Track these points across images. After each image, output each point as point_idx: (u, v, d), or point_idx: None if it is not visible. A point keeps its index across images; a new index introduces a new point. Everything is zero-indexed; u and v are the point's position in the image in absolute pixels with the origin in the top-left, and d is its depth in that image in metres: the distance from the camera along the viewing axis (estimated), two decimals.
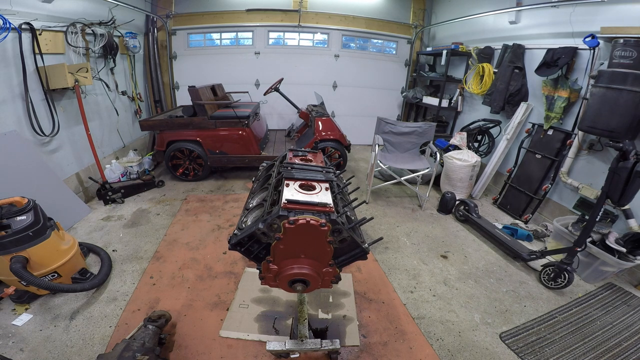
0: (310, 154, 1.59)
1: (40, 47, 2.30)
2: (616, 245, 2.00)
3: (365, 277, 2.07)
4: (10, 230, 1.51)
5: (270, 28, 4.50)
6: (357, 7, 4.55)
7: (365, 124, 4.88)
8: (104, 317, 1.64)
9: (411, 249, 2.44)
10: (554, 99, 2.74)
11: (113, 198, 2.87)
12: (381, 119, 3.22)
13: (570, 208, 2.70)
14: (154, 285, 1.89)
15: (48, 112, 2.45)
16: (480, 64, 3.52)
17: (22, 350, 1.44)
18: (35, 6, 2.34)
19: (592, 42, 2.35)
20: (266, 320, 1.66)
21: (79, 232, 2.39)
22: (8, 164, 2.06)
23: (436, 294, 1.97)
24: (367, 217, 1.17)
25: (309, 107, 4.09)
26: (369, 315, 1.76)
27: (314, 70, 4.77)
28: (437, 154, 3.02)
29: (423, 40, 4.98)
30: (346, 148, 3.65)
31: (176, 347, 1.50)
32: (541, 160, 2.90)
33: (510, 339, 1.65)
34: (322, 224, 0.99)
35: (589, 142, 2.55)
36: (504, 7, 3.20)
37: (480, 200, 3.39)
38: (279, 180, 1.29)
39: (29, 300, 1.69)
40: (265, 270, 1.12)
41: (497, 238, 2.44)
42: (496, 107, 3.34)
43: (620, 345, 1.66)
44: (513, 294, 2.01)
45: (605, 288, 2.11)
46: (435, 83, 4.64)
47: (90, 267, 1.99)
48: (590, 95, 2.39)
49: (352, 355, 1.52)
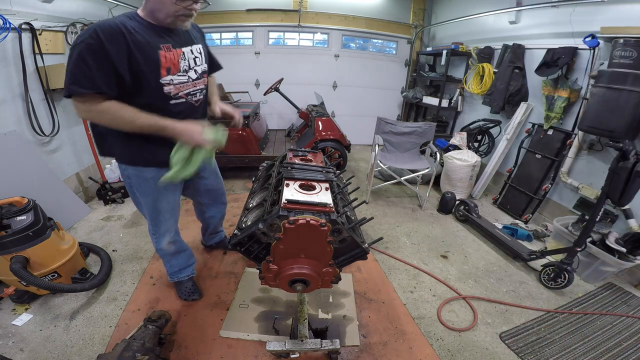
0: (310, 154, 1.59)
1: (40, 47, 2.30)
2: (616, 245, 2.00)
3: (365, 277, 2.07)
4: (10, 230, 1.51)
5: (270, 28, 4.50)
6: (357, 7, 4.55)
7: (365, 124, 4.88)
8: (104, 317, 1.64)
9: (411, 248, 2.44)
10: (554, 99, 2.74)
11: (113, 198, 2.87)
12: (381, 119, 3.22)
13: (570, 208, 2.70)
14: (154, 285, 1.89)
15: (48, 112, 2.45)
16: (480, 64, 3.52)
17: (22, 350, 1.44)
18: (35, 6, 2.34)
19: (592, 42, 2.34)
20: (266, 320, 1.66)
21: (79, 232, 2.39)
22: (8, 164, 2.06)
23: (436, 294, 1.97)
24: (367, 217, 1.17)
25: (309, 107, 4.08)
26: (369, 315, 1.76)
27: (314, 70, 4.76)
28: (437, 154, 3.03)
29: (423, 40, 4.97)
30: (346, 148, 3.65)
31: (176, 347, 1.50)
32: (541, 160, 2.90)
33: (510, 339, 1.65)
34: (322, 224, 0.99)
35: (589, 142, 2.55)
36: (504, 7, 3.20)
37: (480, 200, 3.39)
38: (279, 180, 1.29)
39: (29, 300, 1.69)
40: (265, 270, 1.12)
41: (497, 238, 2.44)
42: (496, 107, 3.33)
43: (620, 345, 1.66)
44: (513, 294, 2.01)
45: (605, 288, 2.11)
46: (435, 83, 4.64)
47: (90, 267, 1.99)
48: (590, 95, 2.39)
49: (352, 355, 1.52)
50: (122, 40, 1.04)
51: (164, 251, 1.62)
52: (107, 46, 1.01)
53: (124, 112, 1.09)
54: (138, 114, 1.10)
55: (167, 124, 1.14)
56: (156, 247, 1.62)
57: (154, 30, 1.14)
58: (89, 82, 1.01)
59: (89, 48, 1.00)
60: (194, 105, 1.34)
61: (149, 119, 1.12)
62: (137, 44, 1.08)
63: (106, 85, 1.05)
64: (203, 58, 1.35)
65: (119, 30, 1.03)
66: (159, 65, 1.14)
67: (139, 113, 1.10)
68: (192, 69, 1.28)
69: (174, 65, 1.19)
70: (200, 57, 1.32)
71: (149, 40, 1.11)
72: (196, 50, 1.30)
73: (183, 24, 1.18)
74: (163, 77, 1.17)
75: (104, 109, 1.07)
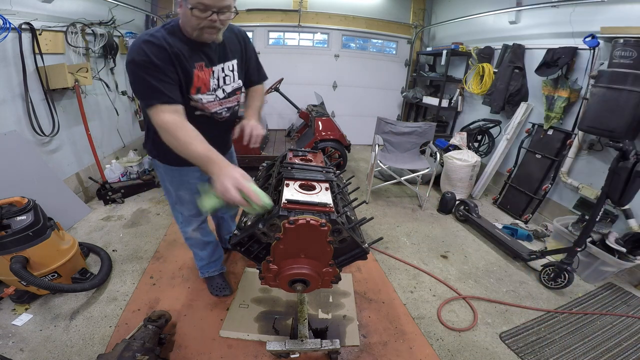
0: (310, 154, 1.58)
1: (40, 47, 2.30)
2: (616, 245, 2.00)
3: (365, 277, 2.07)
4: (10, 230, 1.51)
5: (270, 28, 4.50)
6: (357, 7, 4.55)
7: (365, 124, 4.88)
8: (104, 317, 1.64)
9: (411, 248, 2.44)
10: (554, 99, 2.74)
11: (113, 198, 2.87)
12: (381, 119, 3.22)
13: (570, 208, 2.70)
14: (154, 285, 1.89)
15: (48, 112, 2.45)
16: (480, 64, 3.52)
17: (22, 350, 1.44)
18: (35, 6, 2.34)
19: (592, 42, 2.34)
20: (266, 320, 1.66)
21: (79, 232, 2.39)
22: (8, 164, 2.06)
23: (436, 294, 1.97)
24: (367, 217, 1.17)
25: (309, 107, 4.08)
26: (369, 315, 1.76)
27: (314, 70, 4.76)
28: (437, 154, 3.02)
29: (423, 40, 4.97)
30: (346, 148, 3.65)
31: (176, 347, 1.50)
32: (541, 160, 2.90)
33: (510, 339, 1.65)
34: (322, 224, 0.99)
35: (589, 142, 2.55)
36: (504, 7, 3.20)
37: (480, 200, 3.39)
38: (279, 180, 1.29)
39: (29, 300, 1.69)
40: (265, 270, 1.12)
41: (497, 238, 2.44)
42: (496, 107, 3.33)
43: (620, 345, 1.66)
44: (513, 294, 2.01)
45: (605, 288, 2.11)
46: (435, 83, 4.64)
47: (90, 267, 1.99)
48: (590, 95, 2.39)
49: (352, 355, 1.52)
50: (167, 56, 1.06)
51: (192, 240, 1.68)
52: (157, 61, 1.04)
53: (180, 132, 1.04)
54: (195, 139, 1.03)
55: (212, 170, 0.98)
56: (185, 237, 1.68)
57: (189, 45, 1.12)
58: (157, 94, 1.04)
59: (140, 65, 1.03)
60: (217, 121, 1.36)
61: (199, 151, 1.01)
62: (179, 60, 1.09)
63: (173, 94, 1.07)
64: (235, 76, 1.31)
65: (162, 46, 1.05)
66: (191, 83, 1.16)
67: (196, 139, 1.03)
68: (220, 88, 1.27)
69: (205, 84, 1.20)
70: (231, 76, 1.29)
71: (187, 57, 1.12)
72: (228, 68, 1.26)
73: (211, 37, 1.12)
74: (192, 94, 1.18)
75: (167, 121, 1.05)
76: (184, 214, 1.57)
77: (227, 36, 1.23)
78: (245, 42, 1.36)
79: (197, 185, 1.40)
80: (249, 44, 1.38)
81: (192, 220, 1.58)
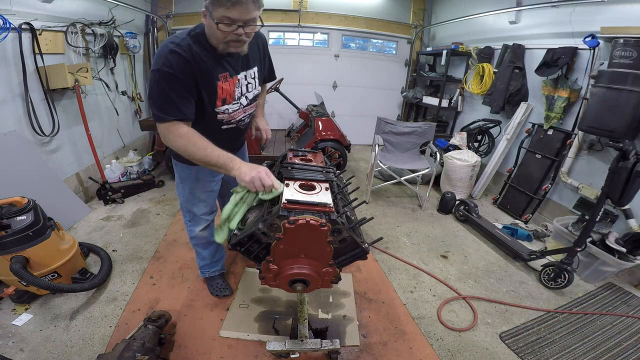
0: (310, 154, 1.58)
1: (40, 47, 2.30)
2: (616, 245, 2.00)
3: (365, 277, 2.07)
4: (10, 230, 1.51)
5: (270, 28, 4.49)
6: (357, 7, 4.55)
7: (365, 124, 4.88)
8: (104, 317, 1.64)
9: (411, 248, 2.44)
10: (554, 99, 2.74)
11: (113, 198, 2.87)
12: (381, 119, 3.22)
13: (570, 208, 2.70)
14: (154, 285, 1.89)
15: (48, 112, 2.45)
16: (480, 64, 3.52)
17: (22, 350, 1.44)
18: (35, 6, 2.34)
19: (592, 42, 2.34)
20: (266, 320, 1.66)
21: (79, 232, 2.39)
22: (8, 164, 2.06)
23: (436, 294, 1.96)
24: (367, 217, 1.17)
25: (309, 107, 4.08)
26: (369, 315, 1.76)
27: (314, 70, 4.76)
28: (437, 154, 3.03)
29: (423, 40, 4.97)
30: (346, 148, 3.65)
31: (176, 347, 1.50)
32: (541, 160, 2.90)
33: (510, 339, 1.65)
34: (322, 224, 0.99)
35: (589, 142, 2.55)
36: (504, 7, 3.20)
37: (480, 200, 3.39)
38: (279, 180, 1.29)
39: (29, 300, 1.69)
40: (265, 270, 1.12)
41: (497, 238, 2.44)
42: (496, 107, 3.33)
43: (620, 345, 1.66)
44: (513, 294, 2.01)
45: (605, 288, 2.11)
46: (435, 83, 4.64)
47: (90, 267, 1.99)
48: (590, 95, 2.39)
49: (352, 355, 1.52)
50: (190, 70, 1.07)
51: (197, 239, 1.68)
52: (181, 76, 1.05)
53: (196, 140, 1.09)
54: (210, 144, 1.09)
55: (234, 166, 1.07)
56: (190, 236, 1.68)
57: (214, 56, 1.13)
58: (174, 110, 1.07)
59: (164, 77, 1.05)
60: (241, 129, 1.39)
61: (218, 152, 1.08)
62: (201, 74, 1.10)
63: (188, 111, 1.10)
64: (256, 83, 1.33)
65: (187, 61, 1.06)
66: (216, 96, 1.17)
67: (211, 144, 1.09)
68: (244, 96, 1.29)
69: (230, 95, 1.22)
70: (253, 83, 1.31)
71: (211, 70, 1.12)
72: (250, 75, 1.28)
73: (237, 50, 1.12)
74: (218, 107, 1.20)
75: (182, 134, 1.08)
76: (195, 213, 1.58)
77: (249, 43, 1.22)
78: (264, 47, 1.38)
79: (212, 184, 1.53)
80: (266, 48, 1.40)
81: (202, 220, 1.60)
